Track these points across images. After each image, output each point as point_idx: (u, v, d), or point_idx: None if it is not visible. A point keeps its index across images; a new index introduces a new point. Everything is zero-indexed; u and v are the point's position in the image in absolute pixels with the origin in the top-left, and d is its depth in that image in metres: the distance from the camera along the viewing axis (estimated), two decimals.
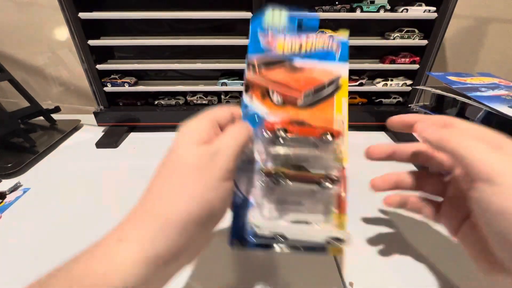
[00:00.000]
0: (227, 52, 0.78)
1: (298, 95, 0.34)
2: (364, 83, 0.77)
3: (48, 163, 0.66)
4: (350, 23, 0.74)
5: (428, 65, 0.72)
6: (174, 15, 0.67)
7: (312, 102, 0.34)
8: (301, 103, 0.34)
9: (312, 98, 0.34)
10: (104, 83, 0.75)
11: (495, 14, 0.84)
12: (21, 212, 0.51)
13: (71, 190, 0.57)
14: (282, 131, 0.30)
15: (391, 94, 0.80)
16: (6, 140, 0.71)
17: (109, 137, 0.75)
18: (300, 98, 0.34)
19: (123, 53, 0.79)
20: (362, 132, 0.78)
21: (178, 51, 0.78)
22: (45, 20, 0.84)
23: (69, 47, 0.86)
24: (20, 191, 0.56)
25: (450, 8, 0.64)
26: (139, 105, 0.81)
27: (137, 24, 0.74)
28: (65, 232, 0.46)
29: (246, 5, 0.66)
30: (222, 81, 0.76)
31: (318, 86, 0.34)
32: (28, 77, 0.92)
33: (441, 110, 0.59)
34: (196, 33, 0.74)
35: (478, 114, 0.50)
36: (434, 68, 0.73)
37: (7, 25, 0.85)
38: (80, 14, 0.64)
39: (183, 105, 0.80)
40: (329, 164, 0.31)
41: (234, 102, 0.81)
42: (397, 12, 0.67)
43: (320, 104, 0.34)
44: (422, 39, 0.70)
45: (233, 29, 0.74)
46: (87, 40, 0.67)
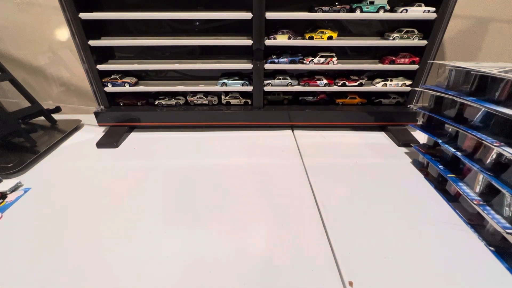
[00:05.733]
0: (227, 52, 0.78)
1: None
2: (363, 83, 0.77)
3: (49, 163, 0.67)
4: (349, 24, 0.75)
5: (427, 65, 0.72)
6: (174, 16, 0.68)
7: None
8: None
9: None
10: (105, 83, 0.75)
11: (495, 14, 0.84)
12: (22, 212, 0.51)
13: (72, 189, 0.57)
14: None
15: (391, 95, 0.81)
16: (7, 140, 0.71)
17: (110, 137, 0.75)
18: None
19: (123, 53, 0.79)
20: (361, 132, 0.79)
21: (178, 51, 0.79)
22: (46, 20, 0.84)
23: (70, 47, 0.86)
24: (21, 191, 0.56)
25: (450, 8, 0.65)
26: (140, 105, 0.81)
27: (137, 25, 0.74)
28: (65, 232, 0.47)
29: (246, 5, 0.66)
30: (222, 81, 0.77)
31: None
32: (29, 77, 0.93)
33: (440, 111, 0.59)
34: (196, 34, 0.75)
35: (477, 114, 0.50)
36: (434, 68, 0.73)
37: (8, 26, 0.85)
38: (80, 14, 0.64)
39: (184, 105, 0.81)
40: None
41: (234, 102, 0.81)
42: (397, 12, 0.67)
43: None
44: (421, 39, 0.70)
45: (233, 29, 0.74)
46: (88, 40, 0.68)
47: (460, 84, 0.56)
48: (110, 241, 0.45)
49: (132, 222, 0.48)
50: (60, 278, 0.38)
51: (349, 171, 0.62)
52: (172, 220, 0.49)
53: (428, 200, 0.53)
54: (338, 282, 0.38)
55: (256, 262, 0.41)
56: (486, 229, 0.46)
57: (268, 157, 0.67)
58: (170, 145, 0.73)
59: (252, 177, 0.60)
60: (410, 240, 0.44)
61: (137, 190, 0.56)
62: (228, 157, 0.68)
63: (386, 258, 0.41)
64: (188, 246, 0.43)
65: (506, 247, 0.42)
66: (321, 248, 0.43)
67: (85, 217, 0.50)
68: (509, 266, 0.40)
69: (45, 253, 0.42)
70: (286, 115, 0.79)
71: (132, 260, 0.41)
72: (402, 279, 0.38)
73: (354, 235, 0.45)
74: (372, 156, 0.67)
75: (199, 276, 0.39)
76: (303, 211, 0.50)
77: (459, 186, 0.49)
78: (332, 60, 0.74)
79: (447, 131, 0.58)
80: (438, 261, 0.41)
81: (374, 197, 0.54)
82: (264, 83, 0.76)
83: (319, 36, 0.70)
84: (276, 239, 0.45)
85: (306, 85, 0.77)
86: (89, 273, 0.39)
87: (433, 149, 0.62)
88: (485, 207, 0.44)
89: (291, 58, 0.74)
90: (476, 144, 0.50)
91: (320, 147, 0.72)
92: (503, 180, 0.43)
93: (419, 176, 0.61)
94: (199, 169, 0.62)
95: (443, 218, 0.49)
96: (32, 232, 0.47)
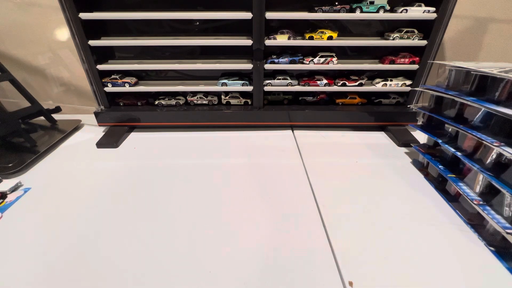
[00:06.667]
0: (227, 52, 0.78)
1: None
2: (363, 83, 0.77)
3: (49, 163, 0.67)
4: (349, 24, 0.75)
5: (427, 65, 0.72)
6: (174, 16, 0.68)
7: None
8: None
9: None
10: (105, 83, 0.75)
11: (495, 14, 0.84)
12: (22, 212, 0.51)
13: (72, 189, 0.57)
14: None
15: (391, 95, 0.81)
16: (7, 140, 0.71)
17: (110, 137, 0.75)
18: None
19: (123, 53, 0.79)
20: (361, 132, 0.79)
21: (178, 51, 0.79)
22: (46, 20, 0.84)
23: (70, 47, 0.86)
24: (21, 191, 0.56)
25: (450, 8, 0.65)
26: (140, 105, 0.81)
27: (137, 25, 0.74)
28: (66, 232, 0.47)
29: (246, 5, 0.66)
30: (222, 81, 0.77)
31: None
32: (29, 77, 0.93)
33: (440, 111, 0.59)
34: (196, 34, 0.75)
35: (477, 114, 0.50)
36: (434, 68, 0.73)
37: (8, 26, 0.85)
38: (80, 14, 0.64)
39: (184, 105, 0.81)
40: None
41: (234, 102, 0.81)
42: (397, 12, 0.67)
43: None
44: (421, 39, 0.70)
45: (233, 29, 0.74)
46: (88, 40, 0.68)
47: (460, 84, 0.56)
48: (110, 241, 0.45)
49: (132, 222, 0.48)
50: (60, 278, 0.38)
51: (349, 171, 0.62)
52: (172, 220, 0.49)
53: (428, 200, 0.53)
54: (338, 282, 0.38)
55: (256, 262, 0.41)
56: (486, 229, 0.46)
57: (268, 157, 0.67)
58: (170, 145, 0.73)
59: (252, 177, 0.60)
60: (410, 240, 0.44)
61: (137, 190, 0.56)
62: (228, 157, 0.68)
63: (386, 258, 0.41)
64: (188, 246, 0.44)
65: (506, 247, 0.42)
66: (321, 248, 0.43)
67: (85, 217, 0.50)
68: (509, 266, 0.40)
69: (45, 253, 0.42)
70: (286, 115, 0.79)
71: (132, 260, 0.41)
72: (402, 279, 0.38)
73: (354, 235, 0.45)
74: (372, 156, 0.67)
75: (199, 276, 0.39)
76: (303, 211, 0.50)
77: (459, 186, 0.49)
78: (332, 60, 0.74)
79: (447, 131, 0.58)
80: (438, 261, 0.41)
81: (374, 197, 0.54)
82: (264, 83, 0.76)
83: (319, 36, 0.70)
84: (276, 239, 0.45)
85: (306, 85, 0.77)
86: (89, 273, 0.39)
87: (433, 149, 0.62)
88: (485, 207, 0.44)
89: (291, 58, 0.74)
90: (476, 144, 0.49)
91: (320, 147, 0.72)
92: (503, 180, 0.43)
93: (419, 176, 0.61)
94: (199, 169, 0.62)
95: (443, 218, 0.49)
96: (32, 232, 0.47)
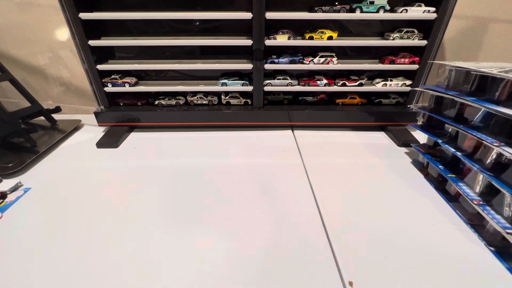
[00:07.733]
0: (227, 52, 0.78)
1: None
2: (363, 83, 0.77)
3: (49, 163, 0.67)
4: (349, 24, 0.75)
5: (427, 65, 0.72)
6: (174, 16, 0.68)
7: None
8: None
9: None
10: (105, 83, 0.75)
11: (495, 14, 0.84)
12: (22, 212, 0.51)
13: (72, 189, 0.57)
14: None
15: (391, 95, 0.81)
16: (7, 140, 0.71)
17: (110, 137, 0.75)
18: None
19: (123, 53, 0.79)
20: (361, 132, 0.79)
21: (178, 51, 0.79)
22: (46, 20, 0.84)
23: (70, 47, 0.86)
24: (21, 191, 0.56)
25: (450, 8, 0.65)
26: (140, 105, 0.81)
27: (137, 24, 0.74)
28: (66, 232, 0.46)
29: (246, 5, 0.66)
30: (222, 81, 0.77)
31: None
32: (29, 77, 0.93)
33: (440, 111, 0.59)
34: (196, 34, 0.75)
35: (477, 114, 0.50)
36: (434, 68, 0.73)
37: (8, 26, 0.85)
38: (80, 14, 0.64)
39: (184, 105, 0.81)
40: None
41: (234, 102, 0.81)
42: (397, 12, 0.67)
43: None
44: (421, 39, 0.70)
45: (233, 29, 0.74)
46: (88, 40, 0.68)
47: (460, 84, 0.56)
48: (110, 241, 0.45)
49: (132, 222, 0.48)
50: (60, 278, 0.38)
51: (349, 171, 0.62)
52: (172, 220, 0.49)
53: (428, 200, 0.53)
54: (338, 282, 0.38)
55: (256, 262, 0.41)
56: (486, 229, 0.46)
57: (268, 157, 0.67)
58: (170, 145, 0.73)
59: (252, 177, 0.60)
60: (410, 240, 0.44)
61: (137, 190, 0.56)
62: (228, 157, 0.68)
63: (386, 258, 0.41)
64: (188, 246, 0.43)
65: (506, 247, 0.42)
66: (321, 248, 0.43)
67: (85, 217, 0.50)
68: (509, 266, 0.40)
69: (45, 253, 0.42)
70: (286, 115, 0.79)
71: (132, 260, 0.41)
72: (402, 279, 0.38)
73: (354, 235, 0.45)
74: (372, 156, 0.67)
75: (199, 276, 0.39)
76: (303, 211, 0.50)
77: (459, 186, 0.49)
78: (332, 60, 0.74)
79: (447, 131, 0.58)
80: (438, 261, 0.41)
81: (374, 197, 0.54)
82: (264, 83, 0.76)
83: (319, 36, 0.70)
84: (276, 239, 0.45)
85: (306, 85, 0.77)
86: (89, 273, 0.39)
87: (433, 149, 0.62)
88: (485, 207, 0.44)
89: (291, 58, 0.74)
90: (476, 144, 0.49)
91: (320, 147, 0.72)
92: (503, 180, 0.43)
93: (419, 176, 0.61)
94: (199, 169, 0.62)
95: (443, 218, 0.49)
96: (32, 232, 0.47)
